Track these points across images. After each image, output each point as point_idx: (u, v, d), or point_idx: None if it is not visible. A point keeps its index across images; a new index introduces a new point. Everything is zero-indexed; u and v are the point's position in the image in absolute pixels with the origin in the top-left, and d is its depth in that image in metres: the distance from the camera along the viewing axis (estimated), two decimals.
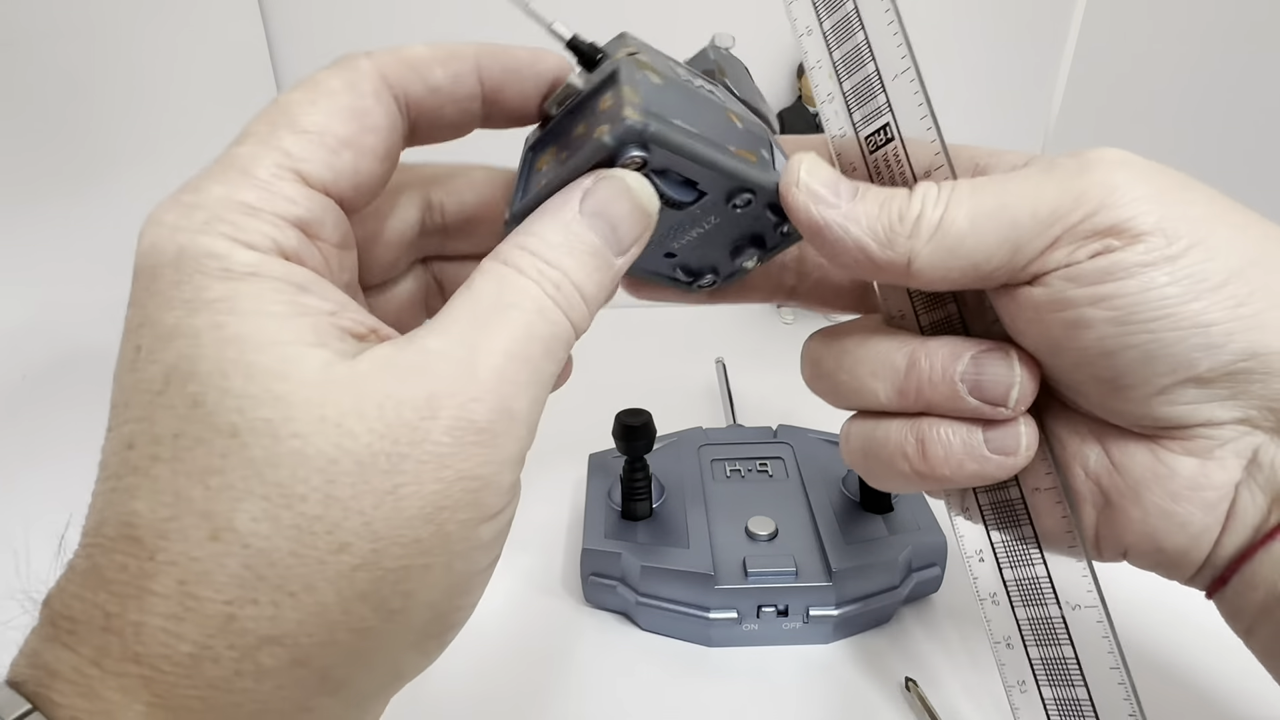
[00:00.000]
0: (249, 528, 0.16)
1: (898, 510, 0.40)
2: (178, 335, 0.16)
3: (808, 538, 0.38)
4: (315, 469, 0.16)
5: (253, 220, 0.17)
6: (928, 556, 0.38)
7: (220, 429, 0.16)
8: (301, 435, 0.16)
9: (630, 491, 0.39)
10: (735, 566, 0.37)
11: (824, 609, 0.36)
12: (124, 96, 0.46)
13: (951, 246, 0.21)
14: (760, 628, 0.37)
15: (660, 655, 0.37)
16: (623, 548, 0.38)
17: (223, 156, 0.19)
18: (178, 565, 0.15)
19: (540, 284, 0.19)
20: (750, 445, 0.45)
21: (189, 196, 0.18)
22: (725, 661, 0.37)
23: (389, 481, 0.16)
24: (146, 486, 0.16)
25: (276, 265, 0.17)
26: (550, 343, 0.19)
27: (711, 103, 0.23)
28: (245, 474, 0.16)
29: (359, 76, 0.19)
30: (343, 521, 0.16)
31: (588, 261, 0.19)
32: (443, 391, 0.17)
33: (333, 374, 0.16)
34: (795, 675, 0.36)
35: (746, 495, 0.41)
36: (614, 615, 0.39)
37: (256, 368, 0.16)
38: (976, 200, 0.21)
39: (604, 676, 0.36)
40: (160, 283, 0.17)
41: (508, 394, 0.17)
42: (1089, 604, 0.24)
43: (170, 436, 0.16)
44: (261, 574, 0.16)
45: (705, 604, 0.36)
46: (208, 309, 0.16)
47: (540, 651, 0.37)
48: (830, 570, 0.36)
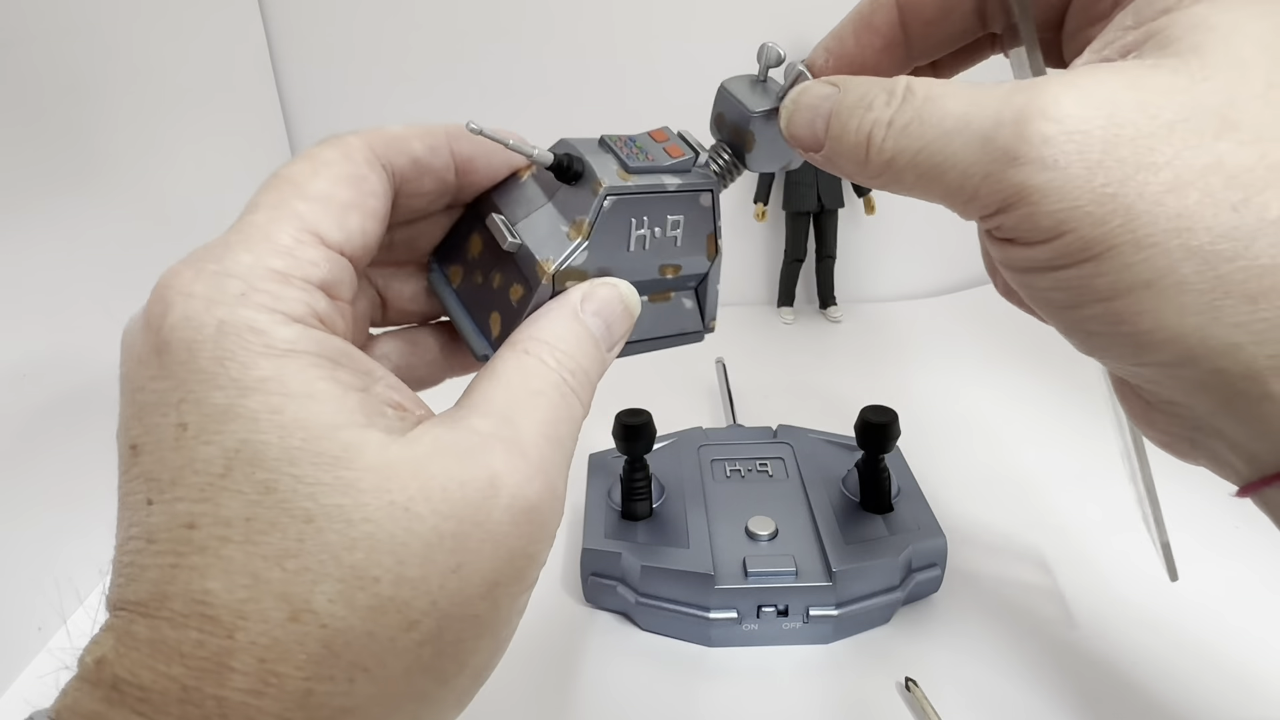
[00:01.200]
0: (326, 609, 0.16)
1: (898, 510, 0.40)
2: (232, 418, 0.17)
3: (808, 538, 0.38)
4: (387, 551, 0.17)
5: (287, 289, 0.18)
6: (928, 556, 0.38)
7: (295, 515, 0.16)
8: (373, 520, 0.17)
9: (630, 491, 0.39)
10: (735, 566, 0.37)
11: (824, 609, 0.36)
12: (124, 96, 0.46)
13: (905, 189, 0.21)
14: (760, 628, 0.37)
15: (660, 655, 0.37)
16: (623, 548, 0.38)
17: (238, 225, 0.19)
18: (258, 645, 0.16)
19: (559, 372, 0.21)
20: (750, 445, 0.45)
21: (214, 265, 0.18)
22: (725, 661, 0.37)
23: (453, 560, 0.17)
24: (219, 567, 0.16)
25: (313, 338, 0.18)
26: (571, 425, 0.20)
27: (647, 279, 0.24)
28: (322, 558, 0.16)
29: (351, 149, 0.21)
30: (412, 600, 0.17)
31: (591, 353, 0.22)
32: (501, 472, 0.18)
33: (392, 456, 0.17)
34: (795, 675, 0.36)
35: (746, 495, 0.41)
36: (614, 615, 0.39)
37: (324, 456, 0.17)
38: (919, 155, 0.20)
39: (604, 676, 0.36)
40: (200, 359, 0.17)
41: (551, 474, 0.19)
42: None
43: (241, 520, 0.16)
44: (338, 652, 0.16)
45: (705, 604, 0.36)
46: (260, 390, 0.17)
47: (540, 651, 0.37)
48: (830, 570, 0.36)
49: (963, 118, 0.20)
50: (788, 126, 0.24)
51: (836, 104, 0.22)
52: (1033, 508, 0.45)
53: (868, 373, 0.60)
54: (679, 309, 0.26)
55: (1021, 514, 0.45)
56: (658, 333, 0.25)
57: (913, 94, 0.21)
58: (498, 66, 0.65)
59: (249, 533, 0.16)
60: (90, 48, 0.43)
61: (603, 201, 0.22)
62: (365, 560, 0.16)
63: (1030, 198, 0.19)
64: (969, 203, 0.20)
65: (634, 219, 0.23)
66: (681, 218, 0.24)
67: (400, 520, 0.17)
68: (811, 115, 0.23)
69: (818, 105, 0.23)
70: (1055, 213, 0.18)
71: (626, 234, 0.23)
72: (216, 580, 0.16)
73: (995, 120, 0.19)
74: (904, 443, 0.41)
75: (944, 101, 0.20)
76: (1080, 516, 0.44)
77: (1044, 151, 0.18)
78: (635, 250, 0.23)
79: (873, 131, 0.21)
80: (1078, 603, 0.39)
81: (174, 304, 0.18)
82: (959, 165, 0.20)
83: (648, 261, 0.24)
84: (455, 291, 0.24)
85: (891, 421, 0.38)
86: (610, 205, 0.22)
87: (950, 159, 0.20)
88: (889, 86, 0.21)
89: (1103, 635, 0.37)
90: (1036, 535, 0.43)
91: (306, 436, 0.17)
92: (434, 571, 0.17)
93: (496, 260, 0.23)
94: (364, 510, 0.17)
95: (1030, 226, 0.19)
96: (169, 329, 0.18)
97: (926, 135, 0.20)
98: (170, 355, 0.17)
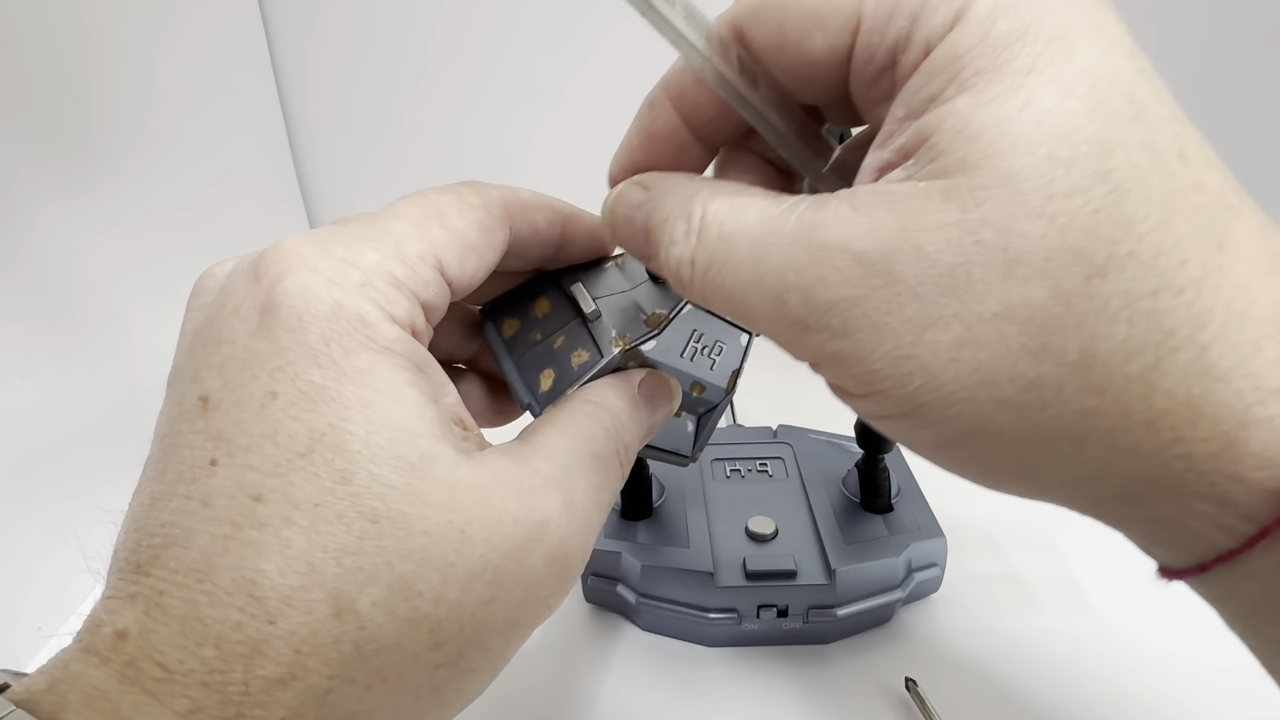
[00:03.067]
0: (369, 612, 0.16)
1: (898, 510, 0.40)
2: (326, 400, 0.17)
3: (808, 538, 0.38)
4: (436, 569, 0.17)
5: (399, 294, 0.19)
6: (928, 556, 0.38)
7: (363, 512, 0.17)
8: (431, 534, 0.17)
9: (630, 491, 0.39)
10: (735, 566, 0.37)
11: (824, 609, 0.36)
12: (124, 97, 0.46)
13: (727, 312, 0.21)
14: (760, 628, 0.37)
15: (660, 655, 0.37)
16: (623, 548, 0.38)
17: (374, 224, 0.20)
18: (296, 635, 0.16)
19: (616, 444, 0.22)
20: (750, 445, 0.45)
21: (341, 251, 0.19)
22: (725, 661, 0.37)
23: (489, 592, 0.18)
24: (277, 549, 0.16)
25: (408, 343, 0.19)
26: (613, 494, 0.22)
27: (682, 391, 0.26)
28: (376, 560, 0.16)
29: (491, 201, 0.22)
30: (445, 622, 0.17)
31: (638, 433, 0.23)
32: (553, 520, 0.19)
33: (460, 477, 0.18)
34: (795, 675, 0.36)
35: (746, 495, 0.41)
36: (614, 615, 0.39)
37: (402, 460, 0.17)
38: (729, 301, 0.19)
39: (604, 676, 0.36)
40: (308, 334, 0.17)
41: (588, 534, 0.20)
42: None
43: (310, 505, 0.16)
44: (367, 657, 0.16)
45: (705, 604, 0.36)
46: (356, 379, 0.17)
47: (540, 651, 0.37)
48: (830, 570, 0.36)
49: (755, 269, 0.18)
50: (614, 238, 0.22)
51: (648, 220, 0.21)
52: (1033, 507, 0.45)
53: None
54: (679, 428, 0.27)
55: (1021, 514, 0.45)
56: (655, 443, 0.27)
57: (707, 229, 0.19)
58: (499, 67, 0.65)
59: (315, 520, 0.16)
60: (90, 48, 0.43)
61: (684, 306, 0.25)
62: (415, 573, 0.17)
63: (829, 364, 0.18)
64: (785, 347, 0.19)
65: (696, 330, 0.26)
66: (725, 346, 0.27)
67: (454, 541, 0.17)
68: (630, 228, 0.21)
69: (633, 216, 0.21)
70: (857, 375, 0.17)
71: (687, 341, 0.26)
72: (272, 562, 0.16)
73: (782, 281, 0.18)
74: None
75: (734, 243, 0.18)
76: (1081, 515, 0.43)
77: (830, 321, 0.17)
78: (686, 359, 0.26)
79: (679, 270, 0.20)
80: (1078, 602, 0.39)
81: (295, 270, 0.18)
82: (762, 322, 0.19)
83: (689, 373, 0.26)
84: (505, 343, 0.26)
85: None
86: (689, 311, 0.25)
87: (754, 313, 0.19)
88: (687, 212, 0.20)
89: (1104, 635, 0.37)
90: (1037, 535, 0.43)
91: (390, 436, 0.17)
92: (470, 599, 0.17)
93: (563, 324, 0.25)
94: (425, 524, 0.17)
95: (839, 386, 0.19)
96: (283, 292, 0.17)
97: (726, 285, 0.19)
98: (276, 318, 0.17)
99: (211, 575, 0.16)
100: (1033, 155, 0.15)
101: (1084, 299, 0.15)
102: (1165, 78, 0.17)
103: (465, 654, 0.18)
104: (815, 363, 0.19)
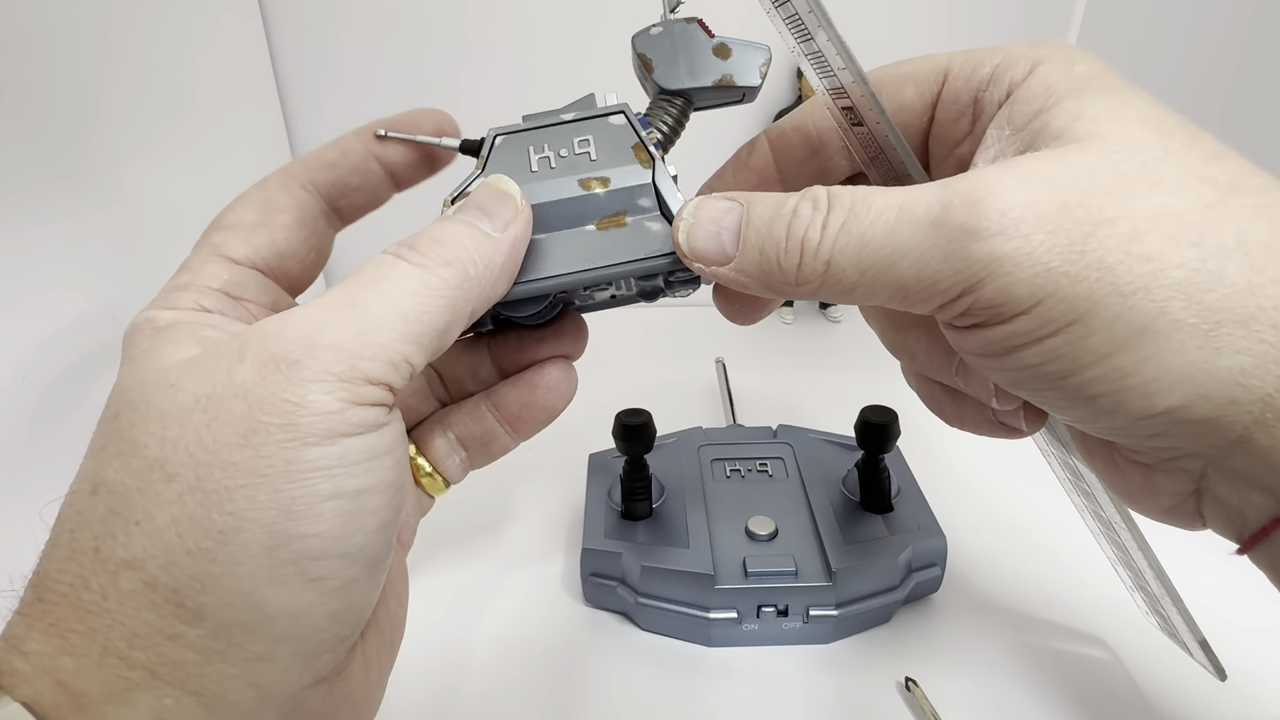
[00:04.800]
0: (113, 478, 0.20)
1: (898, 510, 0.40)
2: (119, 379, 0.21)
3: (808, 538, 0.38)
4: (154, 420, 0.20)
5: (182, 293, 0.23)
6: (928, 556, 0.38)
7: (109, 417, 0.20)
8: (150, 400, 0.20)
9: (630, 491, 0.39)
10: (735, 566, 0.37)
11: (824, 609, 0.36)
12: (124, 97, 0.46)
13: (845, 292, 0.21)
14: (760, 628, 0.37)
15: (660, 655, 0.37)
16: (623, 548, 0.38)
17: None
18: (69, 519, 0.20)
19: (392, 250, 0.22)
20: (750, 445, 0.45)
21: (160, 296, 0.24)
22: (725, 661, 0.37)
23: (205, 418, 0.19)
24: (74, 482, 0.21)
25: (192, 316, 0.23)
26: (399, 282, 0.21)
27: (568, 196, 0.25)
28: (115, 440, 0.20)
29: (266, 181, 0.26)
30: (171, 456, 0.19)
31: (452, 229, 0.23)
32: (253, 338, 0.20)
33: (187, 356, 0.21)
34: (795, 675, 0.36)
35: (746, 495, 0.41)
36: (614, 615, 0.39)
37: (139, 369, 0.21)
38: (863, 251, 0.20)
39: (604, 676, 0.36)
40: (122, 355, 0.22)
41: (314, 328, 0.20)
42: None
43: (92, 439, 0.21)
44: (118, 511, 0.19)
45: (705, 604, 0.36)
46: (138, 356, 0.21)
47: (540, 651, 0.37)
48: (830, 570, 0.36)
49: (903, 208, 0.20)
50: (688, 241, 0.23)
51: (749, 215, 0.22)
52: (1033, 507, 0.45)
53: (868, 373, 0.60)
54: (643, 232, 0.25)
55: (1022, 514, 0.45)
56: (623, 258, 0.25)
57: (838, 197, 0.21)
58: (499, 66, 0.65)
59: (93, 449, 0.21)
60: (90, 48, 0.43)
61: (493, 140, 0.26)
62: (140, 432, 0.19)
63: (1002, 268, 0.18)
64: (927, 290, 0.20)
65: (531, 147, 0.26)
66: (590, 137, 0.26)
67: (168, 395, 0.20)
68: (715, 228, 0.23)
69: (720, 218, 0.23)
70: (1031, 279, 0.18)
71: (525, 160, 0.25)
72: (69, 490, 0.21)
73: (941, 204, 0.19)
74: (904, 443, 0.41)
75: (874, 198, 0.20)
76: (1081, 515, 0.43)
77: (1004, 222, 0.18)
78: (541, 171, 0.25)
79: (806, 234, 0.21)
80: (1078, 602, 0.39)
81: None
82: (911, 253, 0.19)
83: (561, 180, 0.25)
84: None
85: (891, 421, 0.38)
86: (500, 142, 0.26)
87: (900, 249, 0.20)
88: (809, 194, 0.21)
89: (1104, 634, 0.37)
90: (1036, 535, 0.43)
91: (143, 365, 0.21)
92: (189, 428, 0.19)
93: None
94: (146, 395, 0.20)
95: (1005, 300, 0.19)
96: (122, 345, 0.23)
97: (867, 231, 0.20)
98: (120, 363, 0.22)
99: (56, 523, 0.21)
100: (1144, 126, 0.20)
101: (1224, 205, 0.19)
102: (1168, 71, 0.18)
103: (206, 474, 0.19)
104: (973, 280, 0.19)
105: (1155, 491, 0.22)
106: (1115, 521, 0.29)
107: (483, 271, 0.22)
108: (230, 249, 0.25)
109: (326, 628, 0.20)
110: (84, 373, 0.41)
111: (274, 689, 0.20)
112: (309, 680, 0.21)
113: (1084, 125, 0.20)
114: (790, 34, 0.23)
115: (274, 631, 0.19)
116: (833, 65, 0.23)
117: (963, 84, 0.24)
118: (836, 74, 0.23)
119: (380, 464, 0.20)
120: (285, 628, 0.19)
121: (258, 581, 0.19)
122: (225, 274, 0.24)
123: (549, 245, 0.25)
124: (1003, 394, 0.24)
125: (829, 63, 0.23)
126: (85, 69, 0.43)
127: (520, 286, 0.24)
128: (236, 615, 0.19)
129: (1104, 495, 0.28)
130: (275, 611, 0.19)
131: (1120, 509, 0.28)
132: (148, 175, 0.48)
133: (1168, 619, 0.32)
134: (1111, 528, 0.30)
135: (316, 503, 0.19)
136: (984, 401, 0.25)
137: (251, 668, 0.19)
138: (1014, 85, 0.22)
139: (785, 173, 0.28)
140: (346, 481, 0.19)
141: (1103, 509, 0.30)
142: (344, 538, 0.20)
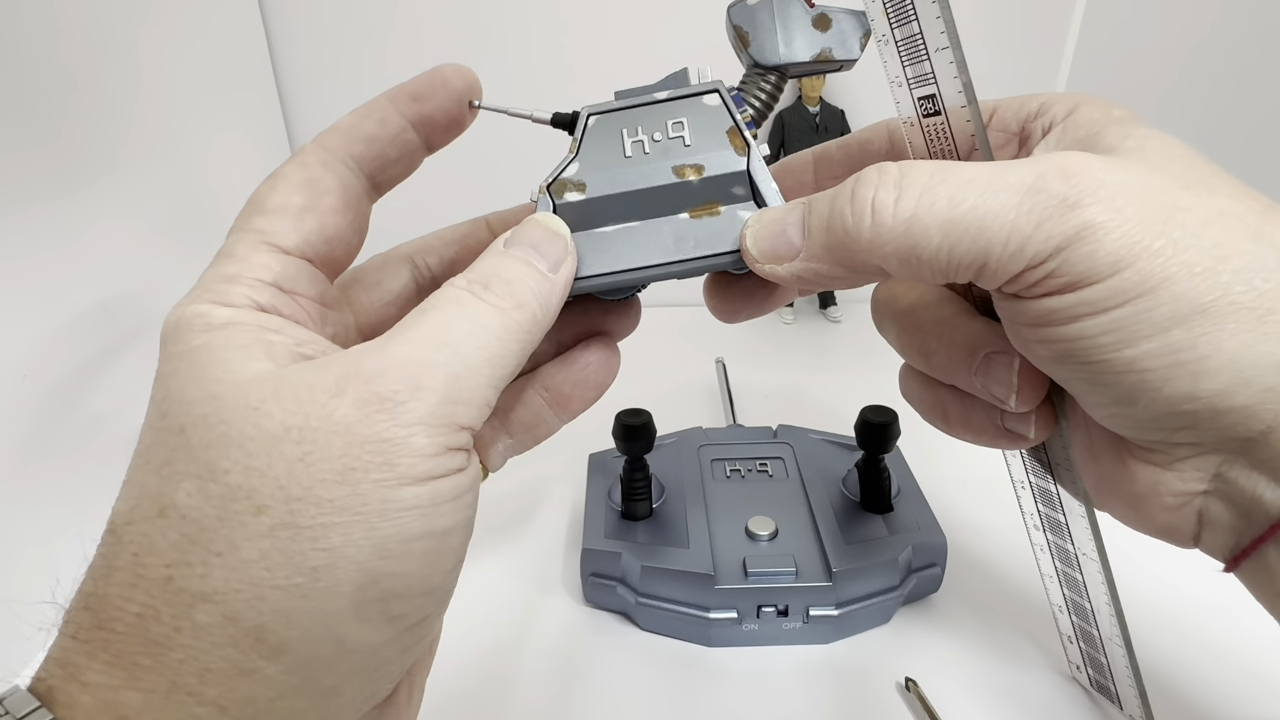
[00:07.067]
0: (185, 502, 0.18)
1: (898, 510, 0.40)
2: (167, 377, 0.20)
3: (808, 538, 0.38)
4: (235, 445, 0.19)
5: (233, 286, 0.21)
6: (928, 556, 0.38)
7: (172, 430, 0.19)
8: (228, 421, 0.19)
9: (630, 491, 0.39)
10: (735, 566, 0.37)
11: (824, 609, 0.36)
12: (124, 97, 0.46)
13: (921, 254, 0.21)
14: (760, 628, 0.37)
15: (660, 655, 0.37)
16: (623, 548, 0.38)
17: (221, 255, 0.23)
18: (134, 542, 0.19)
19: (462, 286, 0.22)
20: (750, 445, 0.45)
21: (198, 289, 0.22)
22: (725, 661, 0.37)
23: (298, 450, 0.18)
24: (125, 491, 0.19)
25: (251, 315, 0.21)
26: (473, 323, 0.21)
27: (663, 183, 0.25)
28: (185, 459, 0.19)
29: (305, 156, 0.24)
30: (260, 488, 0.18)
31: (514, 267, 0.23)
32: (351, 373, 0.19)
33: (263, 373, 0.20)
34: (795, 675, 0.36)
35: (746, 495, 0.41)
36: (614, 615, 0.39)
37: (205, 378, 0.19)
38: (953, 211, 0.21)
39: (604, 676, 0.36)
40: (164, 350, 0.21)
41: (411, 367, 0.20)
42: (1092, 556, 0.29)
43: (145, 448, 0.20)
44: (194, 539, 0.18)
45: (705, 604, 0.36)
46: (190, 353, 0.20)
47: (540, 651, 0.37)
48: (830, 570, 0.36)
49: (994, 176, 0.21)
50: (755, 245, 0.23)
51: (811, 206, 0.23)
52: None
53: (868, 373, 0.60)
54: (736, 222, 0.24)
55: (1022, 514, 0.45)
56: (718, 248, 0.24)
57: (913, 165, 0.21)
58: (499, 66, 0.65)
59: (147, 457, 0.19)
60: (90, 47, 0.43)
61: (586, 120, 0.25)
62: (217, 455, 0.19)
63: (1094, 234, 0.19)
64: (1014, 254, 0.20)
65: (625, 130, 0.25)
66: (685, 119, 0.25)
67: (250, 419, 0.19)
68: (780, 227, 0.23)
69: (783, 217, 0.23)
70: (1117, 249, 0.19)
71: (619, 144, 0.25)
72: (122, 501, 0.19)
73: (1035, 174, 0.20)
74: (904, 443, 0.41)
75: (959, 167, 0.21)
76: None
77: (1101, 193, 0.20)
78: (635, 156, 0.25)
79: (877, 196, 0.21)
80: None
81: (171, 312, 0.21)
82: (1002, 216, 0.20)
83: (655, 166, 0.25)
84: None
85: (891, 421, 0.38)
86: (593, 122, 0.25)
87: (991, 212, 0.20)
88: (875, 166, 0.22)
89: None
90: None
91: (203, 369, 0.20)
92: (280, 461, 0.18)
93: None
94: (221, 414, 0.19)
95: (1089, 265, 0.20)
96: (161, 337, 0.21)
97: (956, 194, 0.20)
98: (160, 358, 0.21)
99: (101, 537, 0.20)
100: (1185, 150, 0.22)
101: (1273, 213, 0.21)
102: (1169, 70, 0.18)
103: (300, 510, 0.18)
104: (1064, 244, 0.20)
105: (1161, 495, 0.22)
106: (1084, 553, 0.29)
107: (547, 314, 0.22)
108: (279, 237, 0.23)
109: (395, 660, 0.20)
110: (84, 373, 0.41)
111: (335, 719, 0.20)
112: (367, 710, 0.21)
113: (1135, 143, 0.22)
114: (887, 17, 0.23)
115: (349, 666, 0.19)
116: (929, 47, 0.23)
117: (1011, 115, 0.26)
118: (930, 57, 0.23)
119: (463, 502, 0.20)
120: (361, 662, 0.19)
121: (345, 617, 0.19)
122: (276, 265, 0.22)
123: (644, 232, 0.25)
124: (1023, 393, 0.24)
125: (924, 45, 0.23)
126: (85, 69, 0.43)
127: (620, 276, 0.24)
128: (318, 650, 0.19)
129: (1079, 522, 0.28)
130: (355, 646, 0.19)
131: (1095, 538, 0.28)
132: (147, 174, 0.48)
133: (1107, 666, 0.32)
134: (1074, 563, 0.30)
135: (407, 542, 0.19)
136: (1000, 401, 0.25)
137: (322, 701, 0.19)
138: (1058, 120, 0.24)
139: (823, 185, 0.29)
140: (436, 521, 0.19)
141: (1071, 541, 0.29)
142: (428, 576, 0.20)
